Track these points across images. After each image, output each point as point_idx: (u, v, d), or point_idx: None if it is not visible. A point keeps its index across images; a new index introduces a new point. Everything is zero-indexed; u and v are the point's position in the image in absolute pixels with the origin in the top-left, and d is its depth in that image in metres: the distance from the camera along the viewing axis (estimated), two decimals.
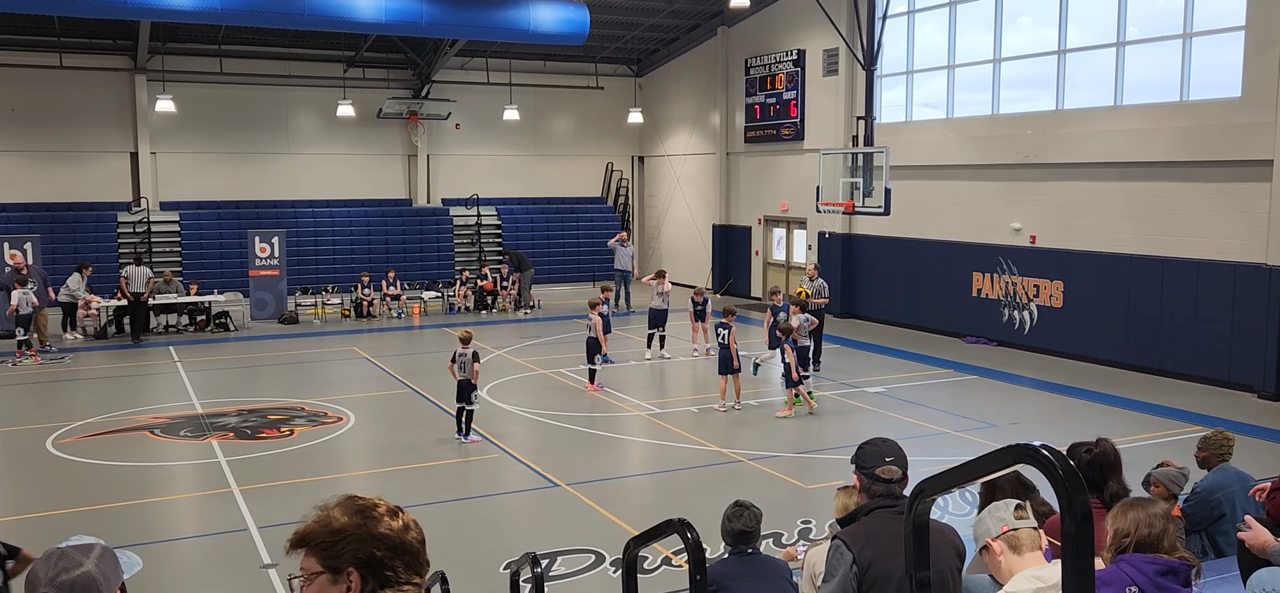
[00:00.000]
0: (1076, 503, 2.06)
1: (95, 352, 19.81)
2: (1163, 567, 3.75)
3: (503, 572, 8.33)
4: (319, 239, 27.22)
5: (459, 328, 22.32)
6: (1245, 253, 15.49)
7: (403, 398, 15.62)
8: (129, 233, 25.76)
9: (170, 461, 12.21)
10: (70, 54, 25.11)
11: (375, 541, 2.09)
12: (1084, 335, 18.02)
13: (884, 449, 3.97)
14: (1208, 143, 15.85)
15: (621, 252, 25.68)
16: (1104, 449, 5.43)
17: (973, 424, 13.73)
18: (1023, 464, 2.26)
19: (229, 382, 16.77)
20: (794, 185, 24.88)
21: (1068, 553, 2.08)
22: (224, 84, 26.43)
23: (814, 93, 24.41)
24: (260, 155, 27.55)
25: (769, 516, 9.37)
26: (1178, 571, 3.77)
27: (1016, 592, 3.33)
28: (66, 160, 25.68)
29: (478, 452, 12.46)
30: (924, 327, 21.40)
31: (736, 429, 13.62)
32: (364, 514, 2.12)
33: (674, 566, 8.59)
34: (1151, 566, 3.77)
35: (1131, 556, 3.85)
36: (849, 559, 3.76)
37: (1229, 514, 6.80)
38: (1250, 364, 15.44)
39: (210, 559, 9.26)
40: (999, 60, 20.05)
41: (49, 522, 9.76)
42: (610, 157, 31.97)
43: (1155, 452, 11.44)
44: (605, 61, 30.32)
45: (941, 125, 21.36)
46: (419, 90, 28.47)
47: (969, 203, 20.43)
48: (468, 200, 29.51)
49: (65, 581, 2.63)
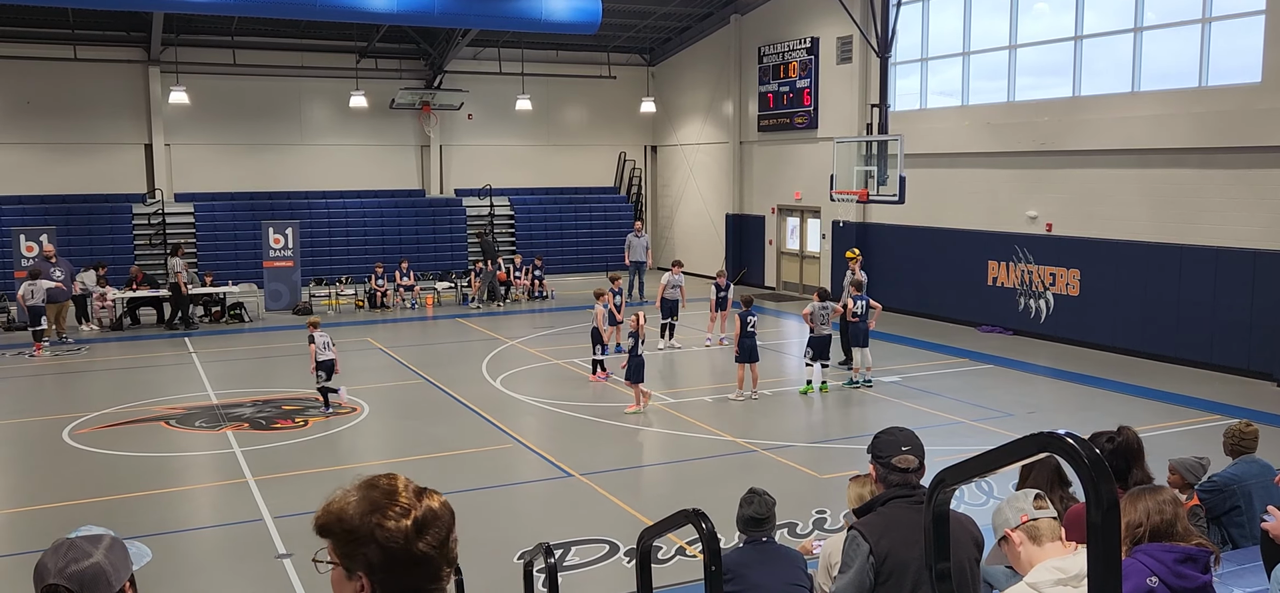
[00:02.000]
0: (1103, 492, 2.00)
1: (111, 342, 19.92)
2: (1181, 554, 3.72)
3: (517, 562, 8.32)
4: (332, 230, 27.28)
5: (473, 319, 22.43)
6: (1266, 240, 15.31)
7: (417, 388, 15.64)
8: (144, 225, 25.88)
9: (185, 451, 12.26)
10: (84, 46, 25.20)
11: (380, 548, 2.00)
12: (1101, 324, 17.88)
13: (900, 439, 3.93)
14: (1227, 129, 15.67)
15: (636, 243, 25.65)
16: (1127, 438, 5.38)
17: (989, 414, 13.64)
18: (1047, 453, 2.20)
19: (244, 372, 16.83)
20: (808, 174, 24.77)
21: (1094, 543, 2.02)
22: (237, 76, 26.49)
23: (828, 81, 24.27)
24: (274, 147, 27.62)
25: (784, 506, 9.33)
26: (1197, 558, 3.73)
27: (1037, 582, 3.27)
28: (81, 152, 25.79)
29: (491, 441, 12.47)
30: (939, 316, 21.29)
31: (752, 419, 13.57)
32: (378, 512, 2.01)
33: (688, 556, 8.56)
34: (1170, 554, 3.73)
35: (1149, 546, 3.81)
36: (866, 550, 3.72)
37: (1243, 507, 6.73)
38: (1270, 352, 15.28)
39: (225, 550, 9.28)
40: (1015, 47, 19.88)
41: (65, 512, 9.80)
42: (623, 146, 31.91)
43: (1174, 441, 11.34)
44: (618, 51, 30.24)
45: (957, 113, 21.21)
46: (431, 81, 28.46)
47: (984, 191, 20.29)
48: (480, 191, 29.51)
49: (74, 571, 2.62)
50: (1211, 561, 3.78)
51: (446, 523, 2.08)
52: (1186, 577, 3.68)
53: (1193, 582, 3.69)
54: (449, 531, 2.08)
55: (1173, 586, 3.70)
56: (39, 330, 18.29)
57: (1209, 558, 3.80)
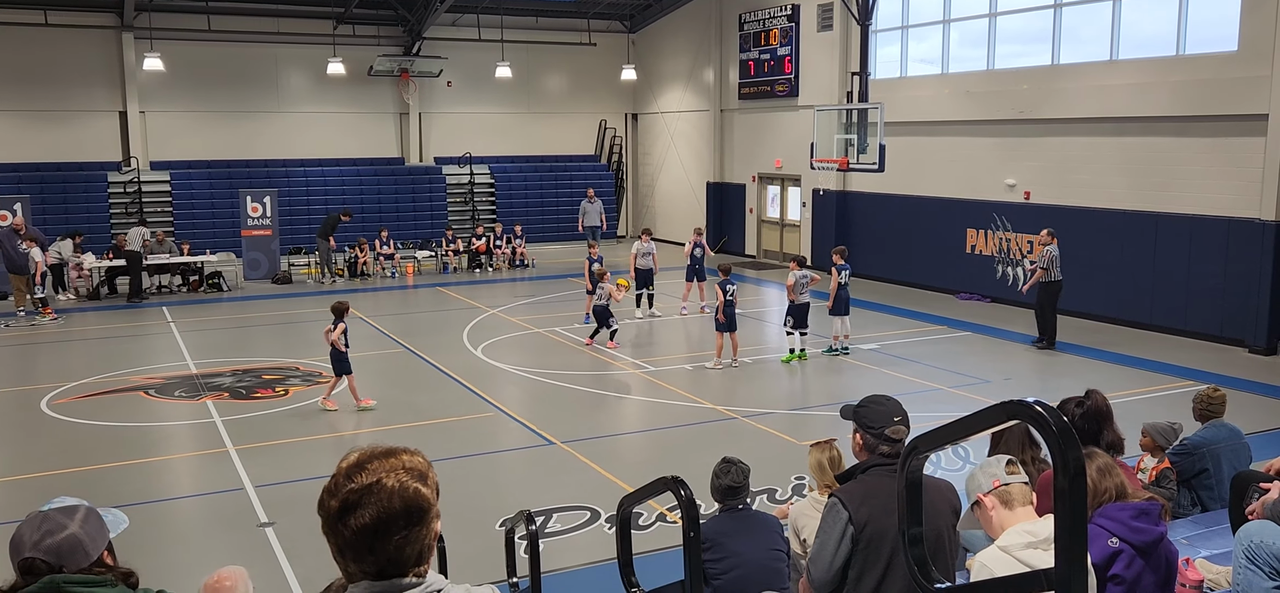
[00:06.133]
0: (1069, 458, 2.05)
1: (88, 312, 19.76)
2: (1135, 510, 3.97)
3: (498, 529, 8.37)
4: (311, 198, 27.08)
5: (453, 287, 22.39)
6: (1239, 208, 15.48)
7: (397, 357, 15.63)
8: (119, 193, 25.60)
9: (165, 421, 12.22)
10: (56, 11, 24.79)
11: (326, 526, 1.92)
12: (1078, 291, 18.04)
13: (891, 409, 3.87)
14: (1204, 97, 15.78)
15: (590, 209, 25.76)
16: (1095, 402, 5.49)
17: (966, 380, 13.78)
18: (1016, 421, 2.25)
19: (223, 342, 16.75)
20: (788, 142, 24.77)
21: (1061, 508, 2.08)
22: (212, 42, 26.14)
23: (808, 49, 24.23)
24: (250, 114, 27.32)
25: (763, 472, 9.43)
26: (1150, 512, 3.96)
27: (1008, 545, 3.34)
28: (55, 120, 25.44)
29: (472, 410, 12.50)
30: (918, 284, 21.42)
31: (731, 386, 13.66)
32: (329, 489, 1.92)
33: (668, 522, 8.64)
34: (1125, 512, 3.95)
35: (1105, 506, 3.97)
36: (845, 518, 3.76)
37: (1212, 470, 6.89)
38: (1243, 319, 15.49)
39: (207, 519, 9.29)
40: (995, 15, 19.89)
41: (44, 482, 9.77)
42: (604, 114, 31.77)
43: (1148, 407, 11.51)
44: (598, 17, 30.03)
45: (936, 81, 21.24)
46: (410, 48, 28.19)
47: (964, 159, 20.37)
48: (460, 159, 29.35)
49: (50, 544, 2.62)
50: (1161, 512, 3.99)
51: (378, 506, 1.86)
52: (1142, 531, 3.88)
53: (1149, 535, 3.86)
54: (384, 516, 1.87)
55: (1131, 541, 3.84)
56: (42, 297, 18.53)
57: (1159, 510, 4.01)
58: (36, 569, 2.58)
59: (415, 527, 1.91)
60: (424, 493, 1.93)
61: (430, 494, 1.95)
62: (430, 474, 1.99)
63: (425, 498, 1.93)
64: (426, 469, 1.98)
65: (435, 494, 1.97)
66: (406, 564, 1.92)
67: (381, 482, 1.88)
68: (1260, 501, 4.97)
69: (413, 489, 1.91)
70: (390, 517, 1.87)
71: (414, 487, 1.91)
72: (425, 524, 1.93)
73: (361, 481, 1.89)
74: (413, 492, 1.91)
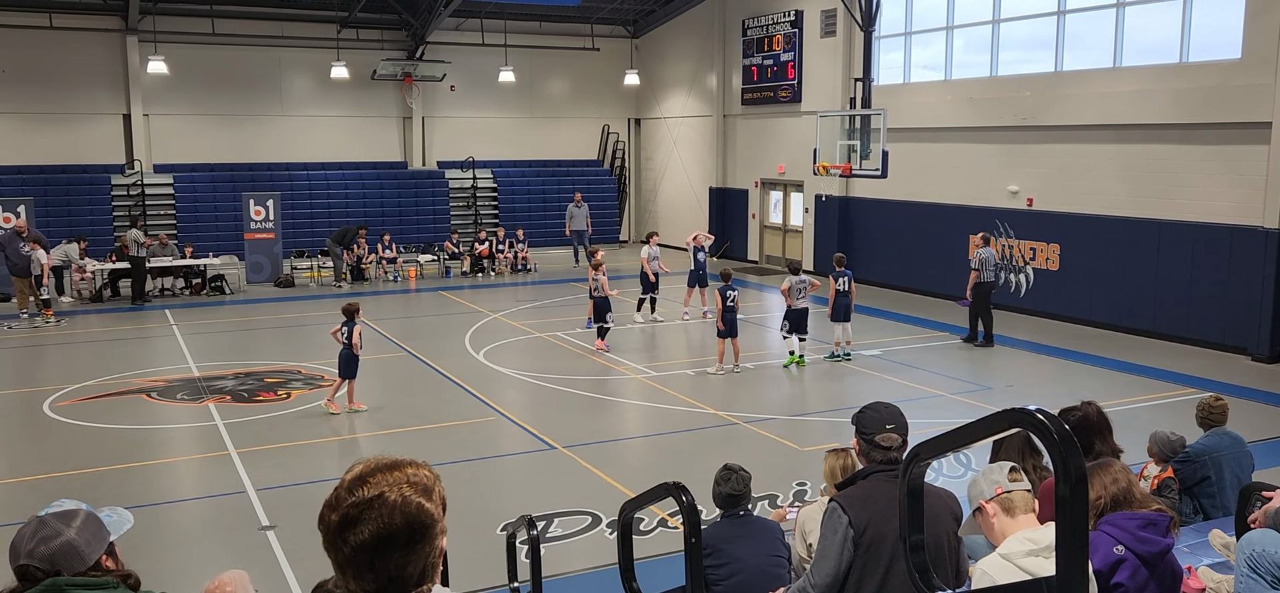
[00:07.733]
0: (1071, 466, 2.05)
1: (91, 315, 19.78)
2: (1143, 521, 3.93)
3: (499, 534, 8.37)
4: (314, 202, 27.11)
5: (455, 291, 22.39)
6: (1242, 216, 15.46)
7: (400, 361, 15.63)
8: (123, 196, 25.63)
9: (167, 423, 12.23)
10: (60, 14, 24.85)
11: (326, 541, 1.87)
12: (1080, 298, 18.04)
13: (885, 415, 3.92)
14: (1207, 105, 15.78)
15: (577, 213, 25.78)
16: (1087, 412, 5.47)
17: (968, 387, 13.77)
18: (1017, 428, 2.25)
19: (225, 345, 16.76)
20: (791, 148, 24.77)
21: (1062, 516, 2.08)
22: (216, 45, 26.18)
23: (812, 54, 24.24)
24: (254, 117, 27.36)
25: (764, 477, 9.43)
26: (1157, 523, 3.94)
27: (1009, 553, 3.34)
28: (59, 122, 25.48)
29: (474, 414, 12.50)
30: (920, 290, 21.40)
31: (732, 392, 13.65)
32: (330, 503, 1.87)
33: (670, 528, 8.63)
34: (1132, 522, 3.92)
35: (1112, 515, 3.96)
36: (845, 522, 3.77)
37: (1214, 477, 6.88)
38: (1245, 327, 15.47)
39: (208, 522, 9.29)
40: (998, 21, 19.90)
41: (47, 485, 9.77)
42: (607, 119, 31.79)
43: (1150, 415, 11.50)
44: (601, 22, 30.07)
45: (940, 87, 21.24)
46: (413, 52, 28.23)
47: (966, 165, 20.37)
48: (463, 163, 29.37)
49: (44, 552, 2.61)
50: (1170, 525, 3.96)
51: (379, 522, 1.80)
52: (1149, 541, 3.86)
53: (1155, 546, 3.85)
54: (384, 532, 1.80)
55: (1137, 551, 3.83)
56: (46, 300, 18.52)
57: (1168, 522, 3.99)
58: (31, 576, 2.58)
59: (418, 544, 1.84)
60: (428, 508, 1.85)
61: (434, 510, 1.87)
62: (436, 489, 1.91)
63: (429, 514, 1.85)
64: (432, 483, 1.91)
65: (441, 509, 1.90)
66: (408, 583, 1.84)
67: (383, 496, 1.82)
68: (1262, 509, 4.96)
69: (416, 505, 1.83)
70: (391, 533, 1.80)
71: (417, 502, 1.84)
72: (428, 541, 1.86)
73: (363, 494, 1.82)
74: (415, 507, 1.83)
